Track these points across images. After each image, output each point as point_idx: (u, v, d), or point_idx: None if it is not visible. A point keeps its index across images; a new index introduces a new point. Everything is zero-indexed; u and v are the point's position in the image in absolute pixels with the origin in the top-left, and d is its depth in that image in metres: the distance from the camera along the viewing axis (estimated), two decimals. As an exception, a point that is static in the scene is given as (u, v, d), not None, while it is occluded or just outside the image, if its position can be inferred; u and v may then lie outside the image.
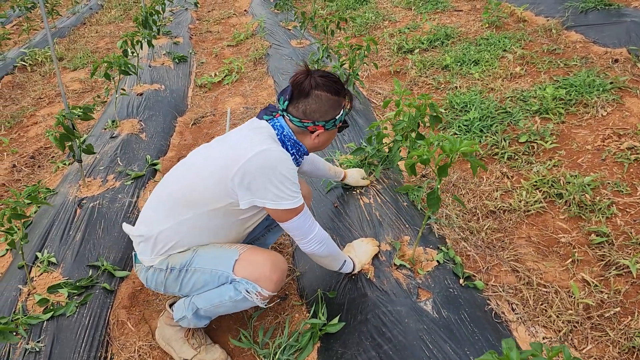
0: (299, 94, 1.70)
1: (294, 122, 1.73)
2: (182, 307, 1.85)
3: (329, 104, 1.72)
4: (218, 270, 1.72)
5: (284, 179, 1.62)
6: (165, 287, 1.81)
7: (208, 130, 3.91)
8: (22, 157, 3.73)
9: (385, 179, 2.70)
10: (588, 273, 2.10)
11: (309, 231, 1.73)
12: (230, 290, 1.72)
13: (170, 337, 1.94)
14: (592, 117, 3.14)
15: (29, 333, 1.96)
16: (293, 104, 1.73)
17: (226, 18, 7.29)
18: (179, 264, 1.75)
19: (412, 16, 5.90)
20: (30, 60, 5.80)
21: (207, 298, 1.77)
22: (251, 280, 1.68)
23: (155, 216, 1.79)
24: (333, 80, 1.72)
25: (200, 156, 1.81)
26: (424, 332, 1.75)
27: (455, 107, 3.49)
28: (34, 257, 2.38)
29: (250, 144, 1.65)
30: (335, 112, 1.75)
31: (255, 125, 1.77)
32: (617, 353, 1.75)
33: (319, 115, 1.72)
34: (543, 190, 2.59)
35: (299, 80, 1.69)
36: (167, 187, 1.81)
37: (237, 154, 1.63)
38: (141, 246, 1.81)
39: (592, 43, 4.19)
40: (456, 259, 2.12)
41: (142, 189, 2.99)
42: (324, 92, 1.70)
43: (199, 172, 1.72)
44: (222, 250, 1.76)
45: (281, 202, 1.63)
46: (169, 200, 1.76)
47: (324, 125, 1.74)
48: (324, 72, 1.73)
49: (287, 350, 1.90)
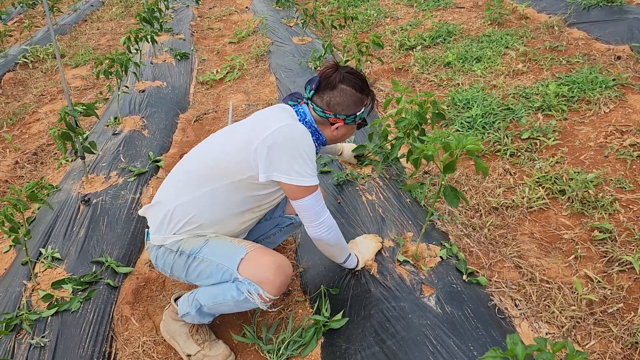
0: (326, 86, 1.79)
1: (317, 111, 1.82)
2: (185, 303, 1.86)
3: (352, 100, 1.80)
4: (223, 265, 1.72)
5: (304, 155, 1.67)
6: (172, 270, 1.81)
7: (210, 127, 3.91)
8: (25, 154, 3.73)
9: (388, 176, 2.71)
10: (591, 269, 2.10)
11: (320, 214, 1.75)
12: (233, 289, 1.71)
13: (174, 332, 1.94)
14: (594, 114, 3.14)
15: (34, 328, 1.97)
16: (319, 94, 1.82)
17: (227, 15, 7.28)
18: (188, 249, 1.75)
19: (414, 13, 5.89)
20: (32, 57, 5.80)
21: (210, 295, 1.77)
22: (254, 282, 1.68)
23: (172, 191, 1.81)
24: (360, 78, 1.82)
25: (222, 134, 1.86)
26: (427, 328, 1.76)
27: (457, 104, 3.49)
28: (38, 253, 2.38)
29: (275, 118, 1.73)
30: (357, 109, 1.84)
31: (280, 107, 1.85)
32: (620, 348, 1.76)
33: (341, 108, 1.80)
34: (546, 186, 2.60)
35: (327, 73, 1.79)
36: (186, 165, 1.85)
37: (262, 126, 1.70)
38: (155, 223, 1.81)
39: (594, 40, 4.19)
40: (459, 255, 2.13)
41: (144, 185, 3.00)
42: (350, 87, 1.79)
43: (222, 147, 1.77)
44: (231, 246, 1.76)
45: (298, 178, 1.66)
46: (189, 175, 1.80)
47: (345, 119, 1.83)
48: (351, 69, 1.82)
49: (290, 346, 1.90)
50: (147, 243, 1.90)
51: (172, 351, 1.99)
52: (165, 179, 1.91)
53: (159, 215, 1.80)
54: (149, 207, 1.87)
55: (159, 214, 1.81)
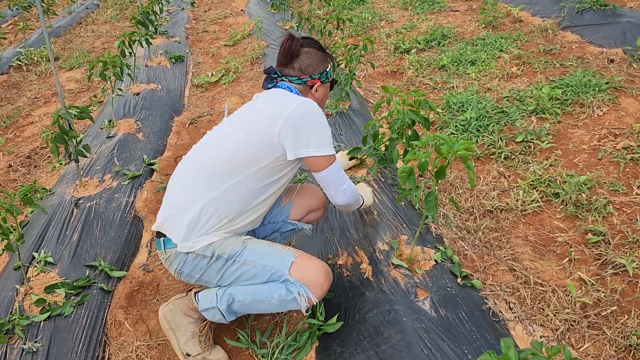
0: (291, 56, 1.90)
1: (294, 81, 1.92)
2: (212, 297, 1.79)
3: (318, 57, 1.94)
4: (272, 267, 1.74)
5: (324, 125, 1.80)
6: (202, 275, 1.78)
7: (205, 130, 3.91)
8: (18, 157, 3.71)
9: (383, 178, 2.71)
10: (585, 272, 2.11)
11: (343, 181, 1.87)
12: (282, 289, 1.73)
13: (179, 326, 1.87)
14: (588, 117, 3.15)
15: (26, 333, 1.95)
16: (287, 67, 1.92)
17: (223, 18, 7.28)
18: (227, 253, 1.74)
19: (408, 16, 5.91)
20: (26, 59, 5.78)
21: (252, 291, 1.76)
22: (304, 284, 1.73)
23: (193, 193, 1.77)
24: (314, 40, 1.98)
25: (227, 129, 1.86)
26: (422, 331, 1.75)
27: (452, 107, 3.50)
28: (30, 257, 2.37)
29: (285, 100, 1.80)
30: (325, 65, 1.97)
31: (271, 93, 1.91)
32: (614, 351, 1.76)
33: (313, 68, 1.92)
34: (540, 189, 2.60)
35: (288, 45, 1.89)
36: (199, 163, 1.82)
37: (277, 111, 1.76)
38: (180, 230, 1.75)
39: (587, 43, 4.21)
40: (454, 258, 2.13)
41: (139, 188, 2.99)
42: (312, 48, 1.93)
43: (237, 139, 1.78)
44: (276, 249, 1.81)
45: (323, 149, 1.77)
46: (206, 174, 1.78)
47: (320, 77, 1.94)
48: (303, 35, 1.97)
49: (285, 350, 1.90)
50: (165, 252, 1.80)
51: (166, 356, 1.98)
52: (172, 185, 1.85)
53: (184, 220, 1.74)
54: (166, 218, 1.80)
55: (182, 219, 1.75)
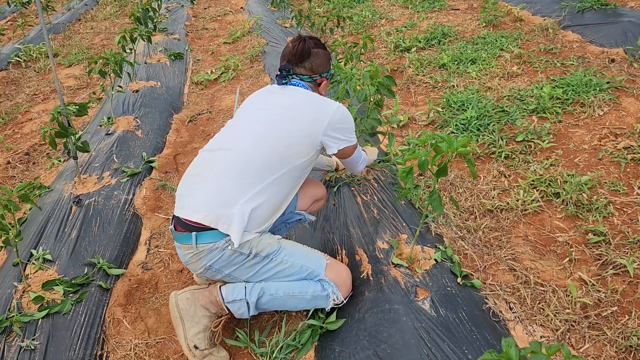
0: (302, 57, 2.02)
1: (305, 78, 2.06)
2: (240, 290, 1.85)
3: (326, 57, 2.09)
4: (309, 267, 1.90)
5: (353, 122, 2.05)
6: (234, 271, 1.84)
7: (204, 127, 3.89)
8: (17, 154, 3.70)
9: (382, 177, 2.70)
10: (585, 272, 2.10)
11: (362, 157, 2.24)
12: (317, 286, 1.90)
13: (192, 316, 1.84)
14: (588, 117, 3.15)
15: (24, 331, 1.94)
16: (298, 66, 2.04)
17: (222, 15, 7.26)
18: (265, 251, 1.84)
19: (409, 14, 5.89)
20: (25, 56, 5.75)
21: (285, 287, 1.88)
22: (335, 285, 1.92)
23: (233, 191, 1.79)
24: (320, 41, 2.12)
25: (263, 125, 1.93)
26: (421, 331, 1.75)
27: (452, 105, 3.49)
28: (29, 254, 2.36)
29: (322, 101, 1.99)
30: (329, 64, 2.13)
31: (291, 89, 2.03)
32: (615, 352, 1.75)
33: (322, 68, 2.08)
34: (540, 189, 2.60)
35: (301, 46, 2.02)
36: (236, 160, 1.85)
37: (321, 111, 1.94)
38: (229, 225, 1.75)
39: (588, 43, 4.20)
40: (454, 257, 2.12)
41: (138, 186, 2.98)
42: (320, 49, 2.08)
43: (279, 136, 1.89)
44: (309, 250, 1.98)
45: (354, 139, 2.06)
46: (247, 170, 1.83)
47: (326, 76, 2.11)
48: (310, 36, 2.10)
49: (284, 349, 1.89)
50: (195, 248, 1.78)
51: (164, 354, 1.97)
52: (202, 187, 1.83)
53: (225, 216, 1.75)
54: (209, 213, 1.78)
55: (232, 214, 1.76)
